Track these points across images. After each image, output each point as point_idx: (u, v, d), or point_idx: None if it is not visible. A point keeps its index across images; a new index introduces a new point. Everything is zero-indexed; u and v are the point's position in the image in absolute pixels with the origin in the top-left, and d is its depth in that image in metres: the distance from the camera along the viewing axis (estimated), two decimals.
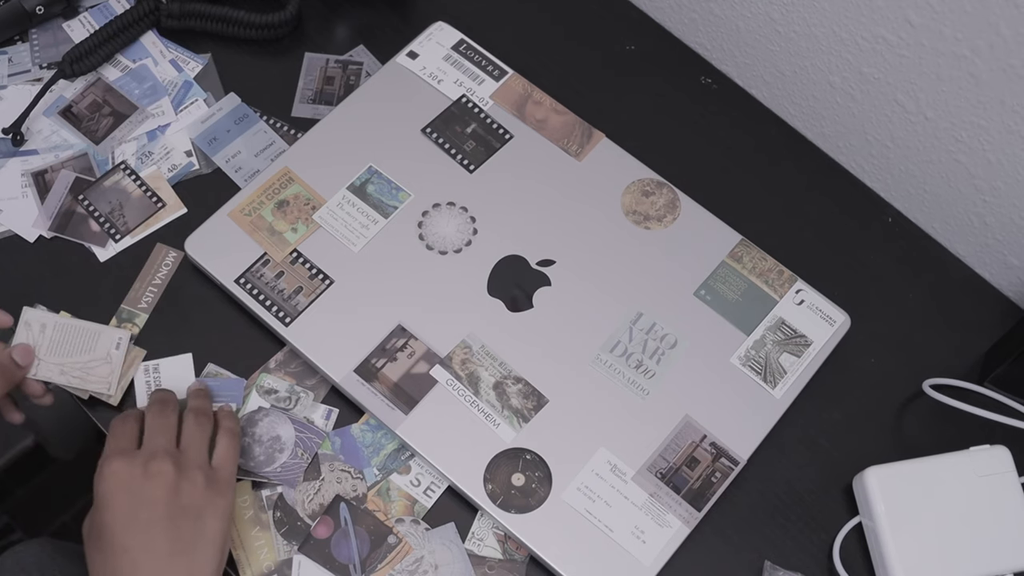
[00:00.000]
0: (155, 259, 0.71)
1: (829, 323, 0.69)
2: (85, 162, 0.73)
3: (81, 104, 0.75)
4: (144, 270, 0.70)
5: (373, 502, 0.64)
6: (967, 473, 0.64)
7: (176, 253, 0.71)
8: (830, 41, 0.73)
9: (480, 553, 0.64)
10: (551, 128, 0.74)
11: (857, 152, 0.78)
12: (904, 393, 0.71)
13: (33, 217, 0.72)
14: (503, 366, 0.66)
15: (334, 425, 0.66)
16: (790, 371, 0.67)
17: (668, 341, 0.67)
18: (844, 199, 0.77)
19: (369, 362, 0.66)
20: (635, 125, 0.77)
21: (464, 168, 0.72)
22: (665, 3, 0.82)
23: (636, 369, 0.66)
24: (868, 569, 0.65)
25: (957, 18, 0.63)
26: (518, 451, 0.64)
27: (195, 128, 0.75)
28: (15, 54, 0.77)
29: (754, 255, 0.71)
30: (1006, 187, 0.69)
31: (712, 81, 0.81)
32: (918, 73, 0.68)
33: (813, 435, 0.69)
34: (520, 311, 0.68)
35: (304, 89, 0.78)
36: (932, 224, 0.77)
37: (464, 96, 0.75)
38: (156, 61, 0.77)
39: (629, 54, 0.81)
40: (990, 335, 0.72)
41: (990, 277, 0.76)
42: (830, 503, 0.67)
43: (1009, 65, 0.62)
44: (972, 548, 0.63)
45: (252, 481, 0.64)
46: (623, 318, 0.68)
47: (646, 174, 0.73)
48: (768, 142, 0.79)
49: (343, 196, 0.71)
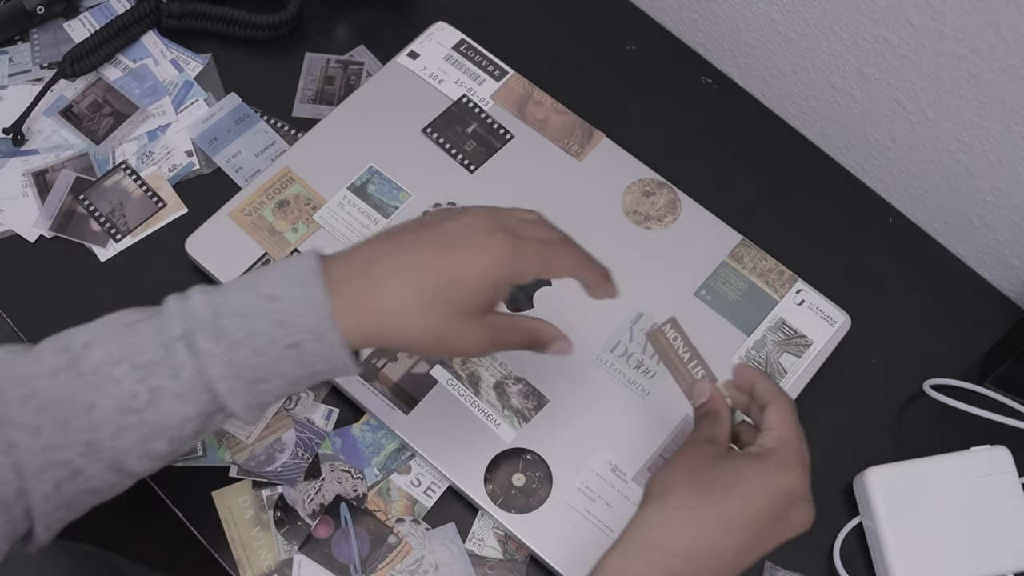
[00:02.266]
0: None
1: (829, 323, 0.69)
2: (86, 162, 0.73)
3: (82, 104, 0.75)
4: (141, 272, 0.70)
5: (373, 502, 0.64)
6: (967, 473, 0.64)
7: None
8: (830, 41, 0.73)
9: (480, 553, 0.64)
10: (552, 128, 0.74)
11: (857, 152, 0.78)
12: (904, 393, 0.71)
13: (34, 217, 0.72)
14: (503, 366, 0.66)
15: (334, 425, 0.66)
16: (791, 371, 0.67)
17: None
18: (844, 199, 0.77)
19: (369, 362, 0.66)
20: (636, 125, 0.77)
21: (465, 168, 0.72)
22: (666, 3, 0.82)
23: (636, 369, 0.66)
24: (868, 569, 0.65)
25: (957, 18, 0.63)
26: (518, 451, 0.64)
27: (196, 128, 0.75)
28: (16, 54, 0.77)
29: (754, 255, 0.71)
30: (1007, 187, 0.69)
31: (712, 81, 0.81)
32: (919, 73, 0.68)
33: (813, 435, 0.69)
34: (520, 311, 0.68)
35: (305, 89, 0.78)
36: (932, 224, 0.77)
37: (465, 96, 0.75)
38: (157, 61, 0.77)
39: (630, 54, 0.81)
40: (990, 335, 0.72)
41: (990, 277, 0.76)
42: (830, 503, 0.67)
43: (1009, 65, 0.62)
44: (972, 548, 0.63)
45: (252, 481, 0.64)
46: (623, 318, 0.68)
47: (647, 174, 0.73)
48: (768, 142, 0.79)
49: (344, 196, 0.71)
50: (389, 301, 0.49)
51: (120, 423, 0.48)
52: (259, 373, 0.49)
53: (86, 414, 0.48)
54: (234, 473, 0.65)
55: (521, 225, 0.53)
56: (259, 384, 0.49)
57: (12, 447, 0.47)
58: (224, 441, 0.65)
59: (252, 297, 0.49)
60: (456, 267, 0.49)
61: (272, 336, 0.48)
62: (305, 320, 0.48)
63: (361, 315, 0.49)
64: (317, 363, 0.49)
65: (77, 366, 0.48)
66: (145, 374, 0.48)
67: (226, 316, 0.48)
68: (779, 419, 0.54)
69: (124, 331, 0.49)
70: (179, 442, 0.50)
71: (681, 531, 0.50)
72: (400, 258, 0.50)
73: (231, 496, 0.64)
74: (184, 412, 0.48)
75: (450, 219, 0.52)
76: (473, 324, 0.50)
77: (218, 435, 0.65)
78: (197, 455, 0.65)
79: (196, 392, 0.48)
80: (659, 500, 0.51)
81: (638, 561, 0.49)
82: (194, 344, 0.48)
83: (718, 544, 0.50)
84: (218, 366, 0.48)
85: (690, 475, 0.52)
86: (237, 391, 0.48)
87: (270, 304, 0.48)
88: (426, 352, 0.52)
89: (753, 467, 0.51)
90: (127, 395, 0.48)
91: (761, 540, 0.51)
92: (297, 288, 0.48)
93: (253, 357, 0.48)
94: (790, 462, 0.52)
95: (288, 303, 0.48)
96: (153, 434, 0.49)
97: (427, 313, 0.49)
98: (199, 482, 0.64)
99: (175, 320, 0.49)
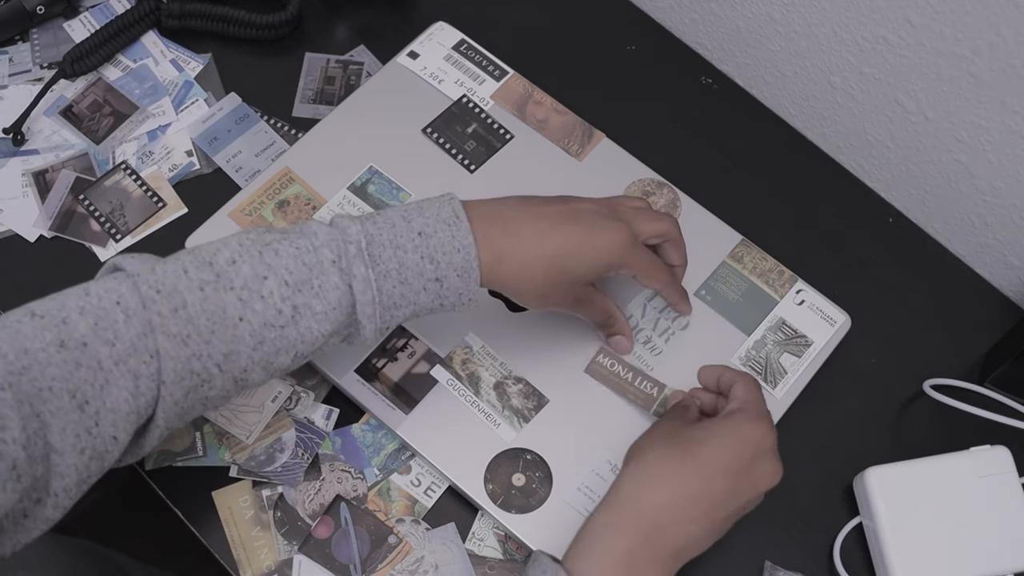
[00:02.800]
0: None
1: (830, 323, 0.69)
2: (86, 162, 0.73)
3: (82, 104, 0.75)
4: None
5: (373, 502, 0.64)
6: (967, 473, 0.64)
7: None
8: (830, 41, 0.73)
9: (480, 553, 0.64)
10: (552, 128, 0.74)
11: (857, 152, 0.78)
12: (904, 393, 0.71)
13: (34, 217, 0.72)
14: (503, 366, 0.66)
15: (334, 425, 0.66)
16: (791, 371, 0.67)
17: (680, 323, 0.67)
18: (844, 199, 0.77)
19: (369, 362, 0.66)
20: (636, 125, 0.77)
21: (465, 168, 0.72)
22: (666, 3, 0.82)
23: (644, 345, 0.66)
24: (868, 569, 0.65)
25: (957, 18, 0.63)
26: (518, 451, 0.64)
27: (196, 128, 0.75)
28: (16, 54, 0.77)
29: (754, 255, 0.71)
30: (1007, 187, 0.69)
31: (712, 81, 0.81)
32: (919, 73, 0.68)
33: (813, 435, 0.69)
34: (521, 311, 0.68)
35: (305, 89, 0.78)
36: (932, 224, 0.77)
37: (465, 96, 0.75)
38: (157, 61, 0.77)
39: (630, 54, 0.81)
40: (990, 335, 0.72)
41: (990, 277, 0.76)
42: (830, 503, 0.67)
43: (1009, 65, 0.62)
44: (972, 548, 0.63)
45: (252, 481, 0.64)
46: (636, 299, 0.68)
47: (647, 174, 0.73)
48: (768, 142, 0.79)
49: (344, 196, 0.71)
50: (523, 252, 0.56)
51: (260, 336, 0.51)
52: (399, 300, 0.54)
53: (233, 327, 0.51)
54: (234, 473, 0.65)
55: (636, 215, 0.60)
56: (393, 310, 0.54)
57: (158, 355, 0.49)
58: (224, 441, 0.65)
59: (405, 231, 0.54)
60: (582, 241, 0.57)
61: (421, 269, 0.54)
62: (453, 259, 0.54)
63: (498, 258, 0.55)
64: (450, 296, 0.55)
65: (227, 280, 0.51)
66: (292, 292, 0.51)
67: (379, 245, 0.53)
68: (744, 389, 0.60)
69: (265, 249, 0.52)
70: (301, 358, 0.54)
71: (658, 483, 0.55)
72: (539, 221, 0.57)
73: (231, 496, 0.64)
74: (320, 330, 0.52)
75: (578, 201, 0.59)
76: (573, 290, 0.58)
77: (218, 435, 0.65)
78: (197, 455, 0.65)
79: (338, 313, 0.52)
80: (637, 460, 0.57)
81: (620, 514, 0.54)
82: (347, 269, 0.52)
83: (694, 493, 0.54)
84: (367, 291, 0.52)
85: (665, 436, 0.58)
86: (375, 315, 0.53)
87: (421, 240, 0.54)
88: (528, 301, 0.58)
89: (723, 422, 0.57)
90: (273, 311, 0.51)
91: (735, 491, 0.55)
92: (445, 227, 0.54)
93: (400, 286, 0.53)
94: (756, 416, 0.57)
95: (439, 240, 0.54)
96: (284, 349, 0.52)
97: (547, 271, 0.56)
98: (199, 482, 0.64)
99: (326, 243, 0.52)
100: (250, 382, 0.53)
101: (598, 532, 0.54)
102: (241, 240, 0.53)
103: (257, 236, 0.53)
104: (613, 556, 0.53)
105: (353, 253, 0.52)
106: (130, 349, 0.48)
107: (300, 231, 0.53)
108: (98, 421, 0.48)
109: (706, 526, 0.54)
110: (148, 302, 0.49)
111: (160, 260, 0.52)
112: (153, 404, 0.50)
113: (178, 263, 0.51)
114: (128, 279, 0.50)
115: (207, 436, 0.65)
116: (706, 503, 0.54)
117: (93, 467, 0.49)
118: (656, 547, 0.53)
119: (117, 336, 0.48)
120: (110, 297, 0.49)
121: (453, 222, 0.55)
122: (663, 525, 0.54)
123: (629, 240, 0.58)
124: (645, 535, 0.53)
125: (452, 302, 0.56)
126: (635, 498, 0.55)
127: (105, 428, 0.48)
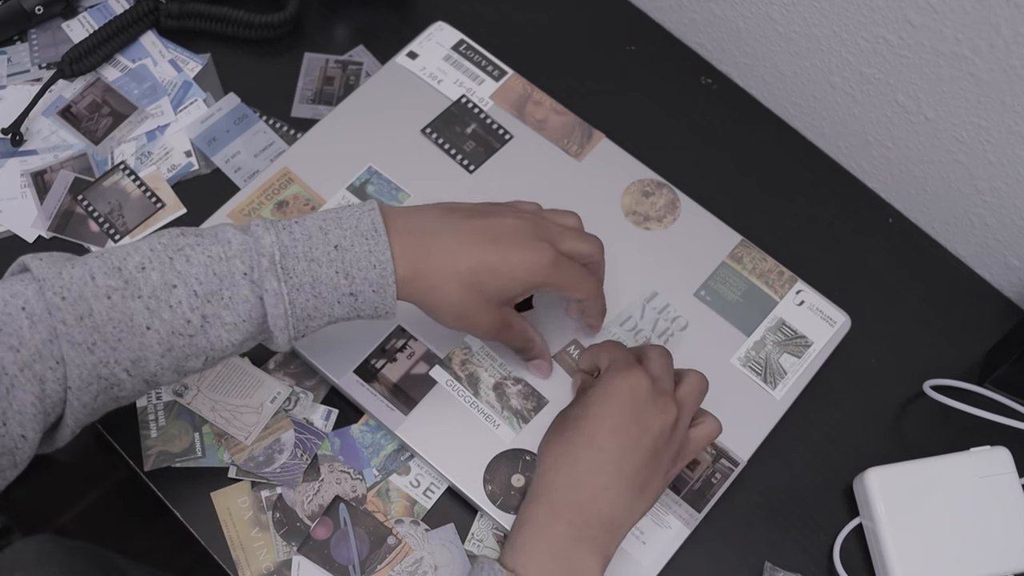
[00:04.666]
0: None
1: (829, 324, 0.69)
2: (84, 162, 0.73)
3: (80, 104, 0.75)
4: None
5: (372, 503, 0.64)
6: (967, 474, 0.64)
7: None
8: (830, 41, 0.73)
9: (480, 554, 0.64)
10: (551, 128, 0.74)
11: (857, 152, 0.78)
12: (904, 394, 0.71)
13: (32, 217, 0.71)
14: (503, 367, 0.66)
15: (333, 426, 0.66)
16: (790, 372, 0.67)
17: (679, 323, 0.67)
18: (844, 199, 0.77)
19: (369, 363, 0.66)
20: (635, 125, 0.77)
21: (464, 168, 0.72)
22: (665, 3, 0.82)
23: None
24: (868, 570, 0.65)
25: (957, 18, 0.63)
26: (518, 452, 0.64)
27: (194, 128, 0.75)
28: (14, 54, 0.77)
29: (754, 255, 0.71)
30: (1007, 187, 0.69)
31: (712, 81, 0.81)
32: (919, 73, 0.68)
33: (813, 436, 0.69)
34: (520, 311, 0.67)
35: (304, 89, 0.78)
36: (932, 225, 0.77)
37: (464, 96, 0.74)
38: (155, 61, 0.77)
39: (629, 54, 0.81)
40: (990, 336, 0.72)
41: (990, 278, 0.75)
42: (830, 503, 0.67)
43: (1010, 65, 0.62)
44: (972, 549, 0.63)
45: (251, 482, 0.64)
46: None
47: (646, 174, 0.73)
48: (768, 142, 0.79)
49: (343, 197, 0.70)
50: (439, 271, 0.55)
51: (169, 344, 0.51)
52: (312, 312, 0.54)
53: (140, 335, 0.50)
54: (233, 474, 0.64)
55: (563, 235, 0.59)
56: (308, 320, 0.54)
57: (63, 362, 0.49)
58: (223, 442, 0.65)
59: (321, 244, 0.53)
60: (499, 261, 0.56)
61: (335, 284, 0.53)
62: (369, 274, 0.53)
63: (414, 273, 0.55)
64: (366, 308, 0.55)
65: (135, 287, 0.50)
66: (201, 302, 0.51)
67: (293, 258, 0.52)
68: (608, 352, 0.61)
69: (176, 256, 0.51)
70: (212, 362, 0.54)
71: (557, 467, 0.58)
72: (458, 238, 0.56)
73: (230, 497, 0.64)
74: (230, 339, 0.52)
75: (503, 215, 0.58)
76: (492, 311, 0.58)
77: (217, 436, 0.65)
78: (196, 456, 0.65)
79: (248, 324, 0.52)
80: (541, 457, 0.60)
81: (535, 506, 0.57)
82: (259, 282, 0.51)
83: (595, 463, 0.56)
84: (279, 305, 0.52)
85: (555, 425, 0.61)
86: (288, 327, 0.53)
87: (337, 254, 0.53)
88: (444, 320, 0.58)
89: (595, 389, 0.59)
90: (182, 320, 0.51)
91: (633, 443, 0.56)
92: (362, 241, 0.54)
93: (314, 299, 0.53)
94: (623, 367, 0.59)
95: (355, 255, 0.53)
96: (194, 355, 0.52)
97: (463, 290, 0.56)
98: (198, 483, 0.64)
99: (239, 253, 0.52)
100: (163, 383, 0.53)
101: (521, 528, 0.56)
102: (153, 245, 0.52)
103: (170, 240, 0.52)
104: (538, 547, 0.55)
105: (266, 266, 0.51)
106: (35, 355, 0.48)
107: (215, 236, 0.52)
108: (5, 421, 0.48)
109: (624, 487, 0.56)
110: (53, 309, 0.48)
111: (69, 262, 0.51)
112: (61, 405, 0.50)
113: (86, 268, 0.50)
114: (35, 283, 0.49)
115: (206, 437, 0.65)
116: (610, 466, 0.56)
117: (4, 461, 0.49)
118: (579, 526, 0.55)
119: (22, 343, 0.48)
120: (16, 302, 0.48)
121: (371, 235, 0.54)
122: (578, 503, 0.56)
123: (550, 261, 0.57)
124: (568, 520, 0.55)
125: (368, 314, 0.56)
126: (548, 489, 0.57)
127: (13, 428, 0.48)
